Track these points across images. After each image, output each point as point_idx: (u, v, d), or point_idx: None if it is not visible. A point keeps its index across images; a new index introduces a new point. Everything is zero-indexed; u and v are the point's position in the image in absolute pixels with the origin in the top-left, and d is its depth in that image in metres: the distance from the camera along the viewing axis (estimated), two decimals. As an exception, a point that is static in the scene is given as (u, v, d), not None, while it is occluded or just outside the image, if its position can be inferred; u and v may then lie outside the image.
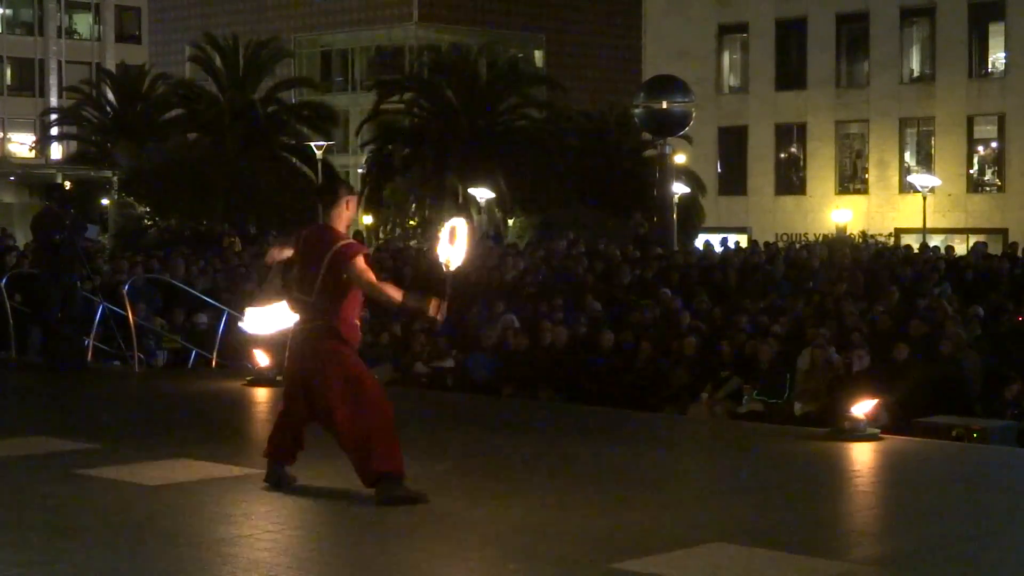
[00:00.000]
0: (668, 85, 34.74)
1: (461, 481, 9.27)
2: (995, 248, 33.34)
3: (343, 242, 8.51)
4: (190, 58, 57.09)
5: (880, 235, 43.62)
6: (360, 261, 8.46)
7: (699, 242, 36.83)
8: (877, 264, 24.41)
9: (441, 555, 7.26)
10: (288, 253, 8.95)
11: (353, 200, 8.77)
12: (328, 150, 46.83)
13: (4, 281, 17.97)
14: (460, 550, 7.36)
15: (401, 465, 8.36)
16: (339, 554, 7.29)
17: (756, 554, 7.26)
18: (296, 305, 8.75)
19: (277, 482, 8.79)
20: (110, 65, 68.25)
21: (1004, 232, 44.22)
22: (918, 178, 46.73)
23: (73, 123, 59.02)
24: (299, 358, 8.70)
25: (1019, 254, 25.89)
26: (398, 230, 45.61)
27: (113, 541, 7.53)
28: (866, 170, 51.29)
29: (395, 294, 8.57)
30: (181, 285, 19.45)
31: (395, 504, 8.21)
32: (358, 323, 8.71)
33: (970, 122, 49.20)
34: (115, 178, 49.45)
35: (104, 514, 8.24)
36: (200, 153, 45.55)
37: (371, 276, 8.58)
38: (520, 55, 65.15)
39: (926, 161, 49.85)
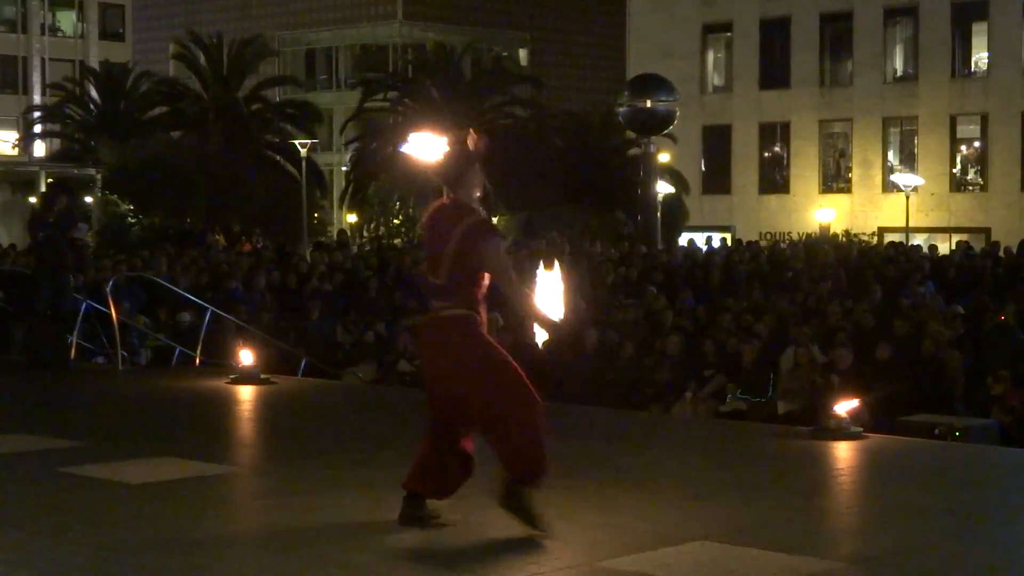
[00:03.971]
0: (652, 84, 34.84)
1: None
2: (978, 247, 33.42)
3: (478, 217, 7.49)
4: (174, 56, 56.99)
5: (863, 234, 43.75)
6: (500, 247, 7.46)
7: (683, 241, 36.89)
8: (861, 263, 24.48)
9: (428, 554, 7.27)
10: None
11: (475, 171, 7.57)
12: (312, 148, 46.80)
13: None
14: (446, 550, 7.36)
15: (543, 467, 7.47)
16: (325, 554, 7.28)
17: (740, 552, 7.28)
18: (427, 289, 7.69)
19: (421, 522, 7.64)
20: (94, 62, 68.09)
21: (987, 231, 44.35)
22: (901, 177, 46.89)
23: (56, 121, 58.89)
24: (433, 353, 7.61)
25: (1001, 253, 25.97)
26: (382, 229, 45.59)
27: (96, 540, 7.51)
28: (849, 169, 51.42)
29: (533, 302, 7.51)
30: (164, 283, 19.43)
31: (530, 519, 7.46)
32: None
33: (953, 121, 49.35)
34: (98, 176, 49.33)
35: (87, 512, 8.22)
36: (184, 151, 45.47)
37: (511, 272, 7.49)
38: (504, 54, 65.18)
39: (909, 160, 49.99)
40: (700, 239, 35.50)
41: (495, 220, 43.97)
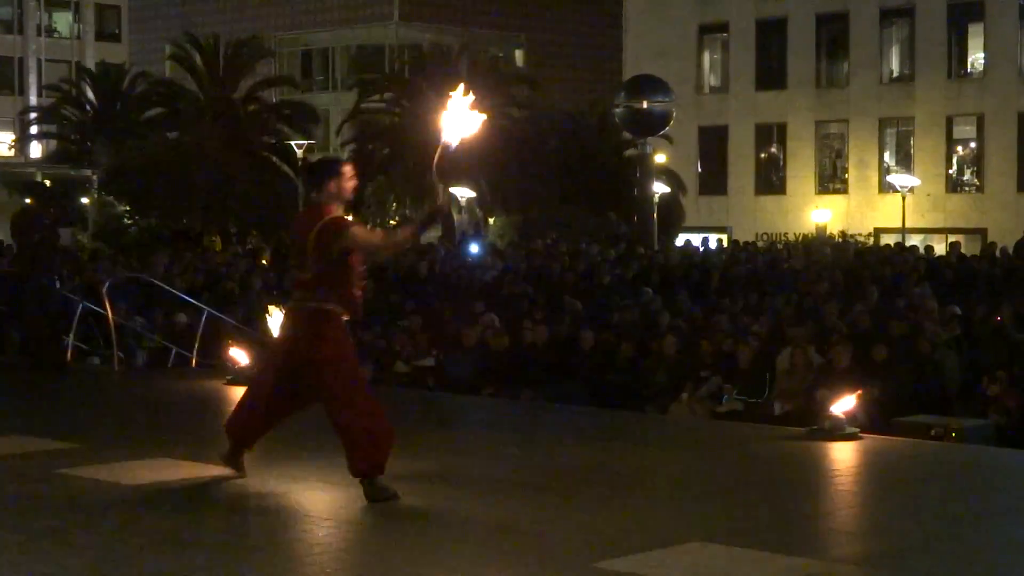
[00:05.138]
0: (648, 85, 34.88)
1: (441, 480, 9.27)
2: (974, 248, 33.45)
3: (329, 217, 8.46)
4: (170, 57, 56.89)
5: (859, 235, 43.74)
6: (357, 229, 8.52)
7: (679, 242, 36.90)
8: (857, 264, 24.50)
9: (421, 555, 7.26)
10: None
11: (336, 180, 8.54)
12: (309, 149, 46.79)
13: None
14: (440, 550, 7.36)
15: (383, 464, 8.41)
16: (319, 554, 7.28)
17: (737, 553, 7.28)
18: (294, 281, 8.81)
19: (237, 465, 8.95)
20: (90, 63, 68.08)
21: (983, 232, 44.36)
22: (897, 178, 46.86)
23: (53, 122, 58.85)
24: (294, 337, 8.60)
25: (997, 254, 25.98)
26: (379, 230, 45.60)
27: (93, 541, 7.51)
28: (846, 170, 51.42)
29: (407, 230, 8.78)
30: (161, 284, 19.43)
31: (378, 501, 8.28)
32: (359, 294, 8.64)
33: (949, 122, 49.36)
34: (95, 177, 49.35)
35: (84, 514, 8.21)
36: (180, 152, 45.46)
37: (376, 235, 8.87)
38: (501, 55, 65.18)
39: (905, 161, 50.00)
40: (696, 240, 35.48)
41: (491, 221, 44.05)
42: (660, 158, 41.47)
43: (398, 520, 8.00)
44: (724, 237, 45.35)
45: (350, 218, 8.72)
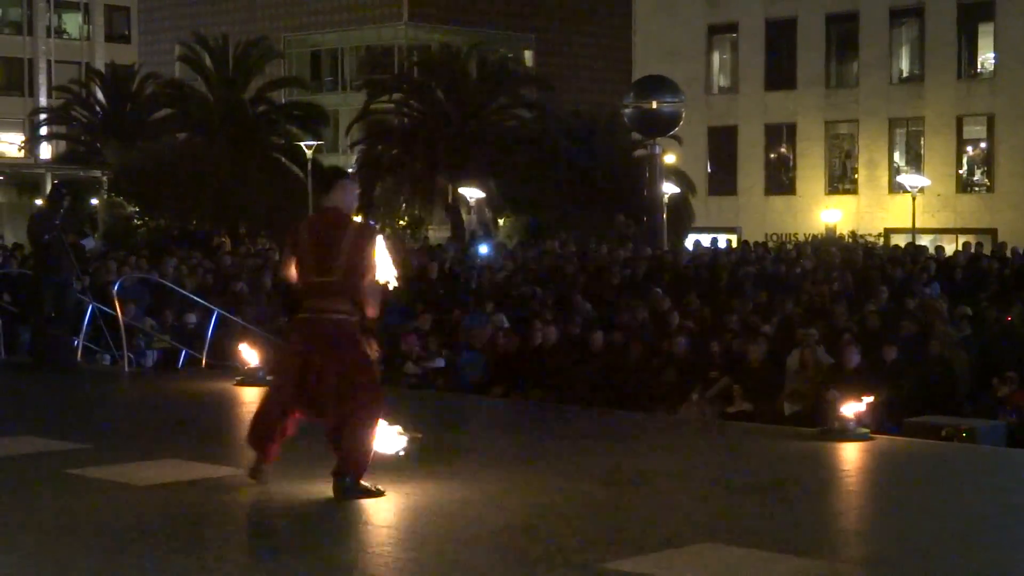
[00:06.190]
0: (658, 85, 34.83)
1: (450, 481, 9.26)
2: (984, 248, 33.34)
3: (362, 222, 8.44)
4: (180, 58, 56.99)
5: (869, 235, 43.66)
6: (380, 246, 8.41)
7: (689, 242, 36.84)
8: (867, 264, 24.44)
9: (431, 555, 7.26)
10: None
11: (345, 185, 8.69)
12: (318, 150, 46.80)
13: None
14: (450, 550, 7.36)
15: (364, 470, 8.49)
16: (328, 553, 7.28)
17: (746, 554, 7.27)
18: (314, 288, 8.44)
19: (264, 477, 8.81)
20: (99, 65, 68.18)
21: (993, 232, 44.28)
22: (907, 178, 46.78)
23: (62, 123, 58.98)
24: (313, 340, 8.46)
25: (1008, 254, 25.93)
26: (388, 230, 45.64)
27: (102, 542, 7.52)
28: (855, 170, 51.36)
29: (375, 309, 8.45)
30: (170, 285, 19.44)
31: (355, 498, 8.36)
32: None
33: (959, 122, 49.27)
34: (104, 178, 49.43)
35: (93, 515, 8.22)
36: (190, 153, 45.52)
37: (379, 283, 8.50)
38: (510, 55, 65.14)
39: (915, 161, 49.92)
40: (706, 240, 35.42)
41: (501, 221, 44.05)
42: (669, 158, 41.44)
43: (404, 520, 8.00)
44: (734, 237, 45.26)
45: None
